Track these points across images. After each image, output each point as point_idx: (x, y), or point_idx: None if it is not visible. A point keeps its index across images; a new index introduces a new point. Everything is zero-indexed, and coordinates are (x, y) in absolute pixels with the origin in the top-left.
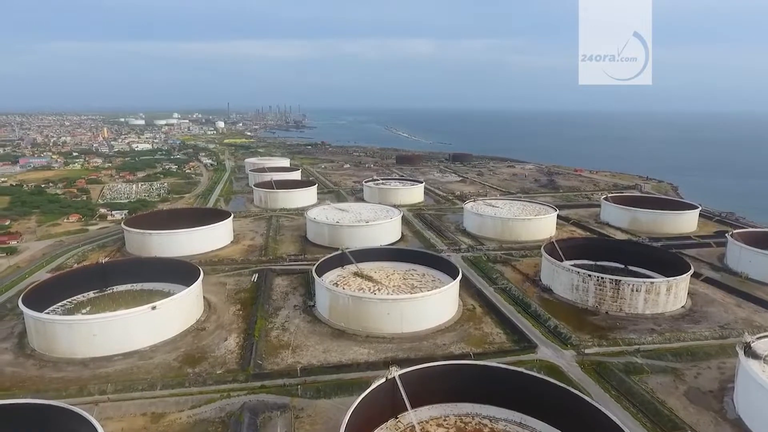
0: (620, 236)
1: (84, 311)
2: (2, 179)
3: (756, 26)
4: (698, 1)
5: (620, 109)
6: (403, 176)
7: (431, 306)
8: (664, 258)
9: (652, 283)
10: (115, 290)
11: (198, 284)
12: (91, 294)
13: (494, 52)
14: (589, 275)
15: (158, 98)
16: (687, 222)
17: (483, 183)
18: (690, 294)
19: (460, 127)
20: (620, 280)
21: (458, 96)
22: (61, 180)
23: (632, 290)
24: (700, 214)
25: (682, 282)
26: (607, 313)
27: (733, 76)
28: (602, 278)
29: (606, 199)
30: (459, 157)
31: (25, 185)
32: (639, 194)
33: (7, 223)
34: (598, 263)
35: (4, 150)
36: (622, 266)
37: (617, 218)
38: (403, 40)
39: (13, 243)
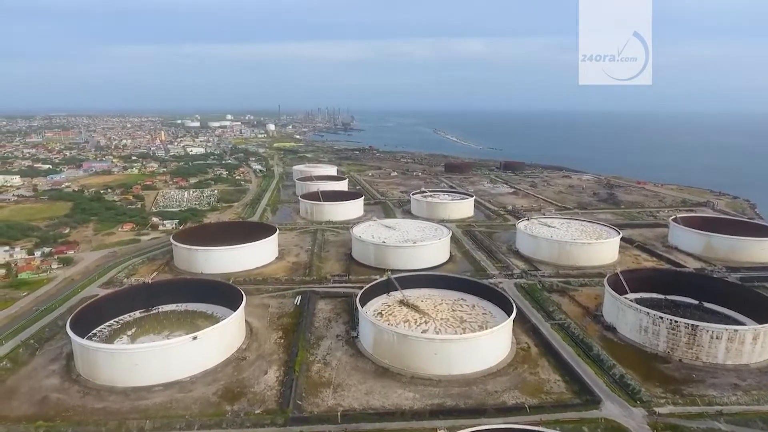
0: (692, 263)
1: (129, 333)
2: (67, 184)
3: None
4: None
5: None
6: (452, 187)
7: (483, 347)
8: (748, 297)
9: (735, 330)
10: (160, 310)
11: (240, 312)
12: (137, 314)
13: (551, 50)
14: (661, 317)
15: (213, 99)
16: None
17: (536, 196)
18: None
19: (511, 129)
20: (698, 326)
21: (511, 96)
22: (119, 185)
23: (712, 337)
24: None
25: None
26: (680, 360)
27: None
28: (676, 322)
29: (675, 220)
30: (511, 165)
31: (86, 191)
32: (712, 213)
33: (66, 231)
34: (668, 298)
35: (71, 153)
36: (696, 303)
37: (688, 243)
38: (455, 39)
39: (70, 253)
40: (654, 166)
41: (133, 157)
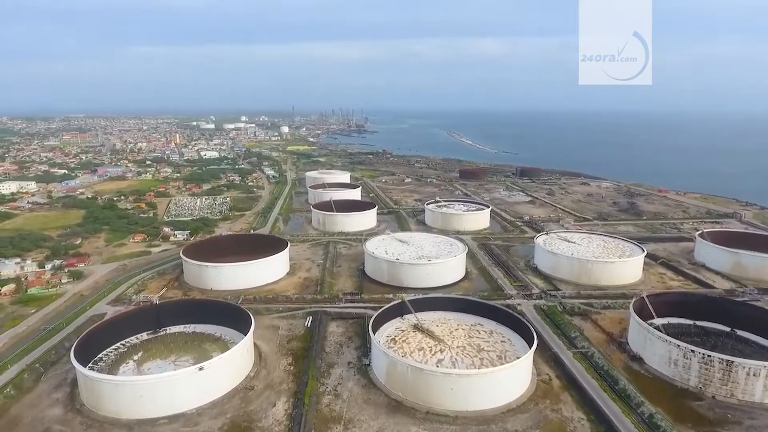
0: (720, 283)
1: (136, 357)
2: (81, 190)
3: None
4: None
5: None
6: (467, 194)
7: (502, 382)
8: None
9: None
10: (167, 332)
11: (248, 339)
12: (144, 335)
13: (567, 50)
14: (693, 351)
15: (229, 100)
16: None
17: (554, 205)
18: None
19: (527, 130)
20: (733, 362)
21: (527, 96)
22: (132, 192)
23: (749, 374)
24: None
25: None
26: (713, 398)
27: None
28: (709, 356)
29: (702, 235)
30: (527, 172)
31: (99, 198)
32: (740, 227)
33: (78, 242)
34: (698, 324)
35: (86, 157)
36: (728, 330)
37: (716, 260)
38: (470, 39)
39: (81, 266)
40: (675, 171)
41: (148, 162)
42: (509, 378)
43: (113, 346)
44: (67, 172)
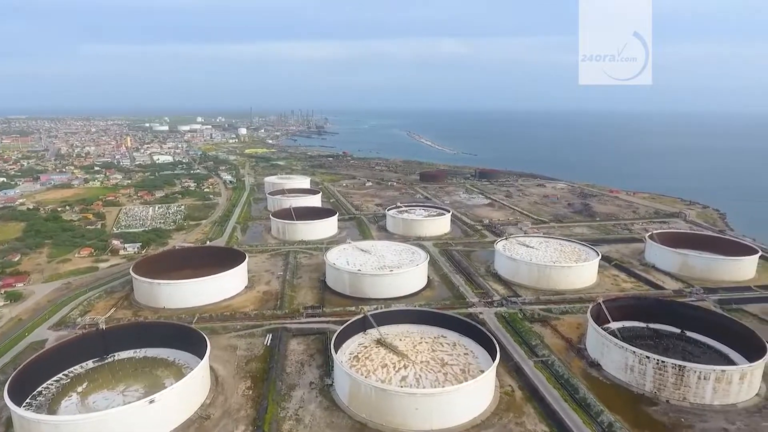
0: (669, 284)
1: (80, 389)
2: (21, 200)
3: None
4: None
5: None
6: (427, 197)
7: (466, 398)
8: (731, 327)
9: (723, 371)
10: (116, 358)
11: (203, 364)
12: (90, 363)
13: (533, 52)
14: (648, 357)
15: (184, 99)
16: (746, 269)
17: (512, 207)
18: (764, 374)
19: (487, 128)
20: (685, 367)
21: (488, 96)
22: (78, 202)
23: (699, 378)
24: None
25: (758, 369)
26: (668, 402)
27: None
28: (663, 362)
29: (651, 237)
30: (485, 174)
31: (41, 209)
32: (686, 228)
33: (16, 259)
34: (650, 326)
35: (28, 163)
36: (678, 331)
37: (665, 261)
38: (434, 39)
39: (20, 286)
40: (627, 172)
41: (96, 167)
42: (473, 394)
43: (54, 378)
44: (5, 180)
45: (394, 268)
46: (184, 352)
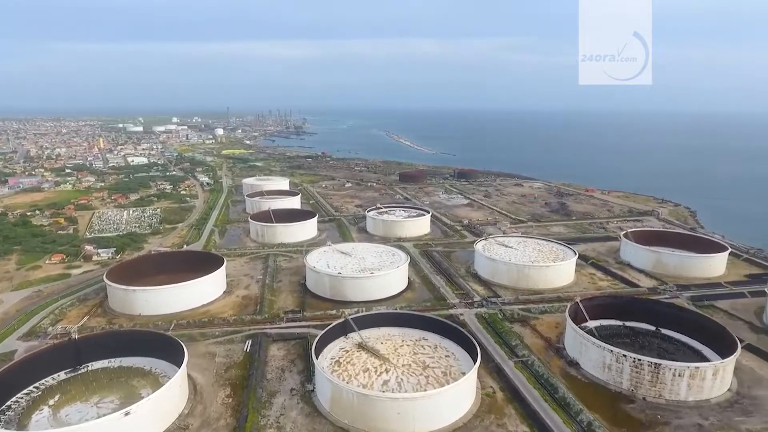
0: (644, 281)
1: (52, 402)
2: None
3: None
4: None
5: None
6: (407, 198)
7: (448, 401)
8: (703, 324)
9: (697, 367)
10: (90, 368)
11: (181, 373)
12: (63, 375)
13: (503, 52)
14: (624, 355)
15: (159, 99)
16: (716, 266)
17: (491, 207)
18: (734, 369)
19: (464, 127)
20: (660, 364)
21: (464, 96)
22: (49, 206)
23: (674, 375)
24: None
25: (730, 365)
26: (644, 399)
27: None
28: (640, 360)
29: (626, 235)
30: (464, 174)
31: (10, 213)
32: (659, 226)
33: None
34: (627, 324)
35: None
36: (654, 329)
37: (639, 259)
38: (407, 39)
39: None
40: (602, 170)
41: (68, 170)
42: (455, 396)
43: (24, 391)
44: None
45: (375, 271)
46: (161, 360)
